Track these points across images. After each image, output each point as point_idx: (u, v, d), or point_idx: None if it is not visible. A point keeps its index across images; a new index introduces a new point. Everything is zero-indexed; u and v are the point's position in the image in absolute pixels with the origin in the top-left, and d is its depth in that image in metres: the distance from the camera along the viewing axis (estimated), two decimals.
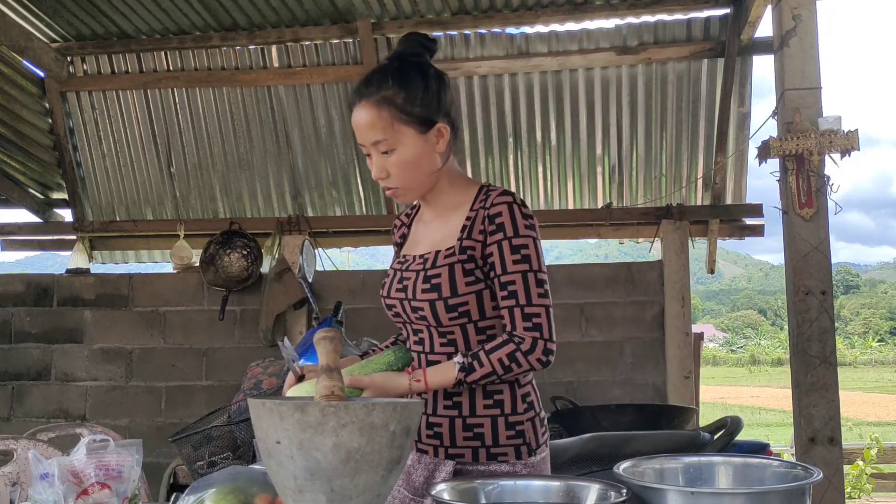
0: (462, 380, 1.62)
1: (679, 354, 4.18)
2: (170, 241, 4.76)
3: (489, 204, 1.67)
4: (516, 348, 1.61)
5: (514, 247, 1.64)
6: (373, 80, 1.69)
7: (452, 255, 1.67)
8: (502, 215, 1.65)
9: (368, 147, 1.70)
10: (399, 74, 1.69)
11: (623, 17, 4.26)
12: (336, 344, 1.39)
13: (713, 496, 1.17)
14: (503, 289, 1.64)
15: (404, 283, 1.72)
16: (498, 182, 4.73)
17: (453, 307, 1.65)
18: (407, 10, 4.28)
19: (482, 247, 1.66)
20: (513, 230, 1.64)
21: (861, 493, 6.43)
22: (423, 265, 1.70)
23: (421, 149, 1.69)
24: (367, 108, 1.67)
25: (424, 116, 1.68)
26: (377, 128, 1.66)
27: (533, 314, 1.63)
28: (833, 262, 3.14)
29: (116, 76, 4.74)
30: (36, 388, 4.61)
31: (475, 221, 1.68)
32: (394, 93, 1.66)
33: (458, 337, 1.69)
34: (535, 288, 1.63)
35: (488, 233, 1.66)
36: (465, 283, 1.65)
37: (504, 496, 1.32)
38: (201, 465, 3.20)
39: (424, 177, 1.72)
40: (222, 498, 1.33)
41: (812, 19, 3.11)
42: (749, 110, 4.43)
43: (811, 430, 3.01)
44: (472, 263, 1.66)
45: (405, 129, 1.67)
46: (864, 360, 35.22)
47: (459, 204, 1.74)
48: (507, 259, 1.64)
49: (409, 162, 1.68)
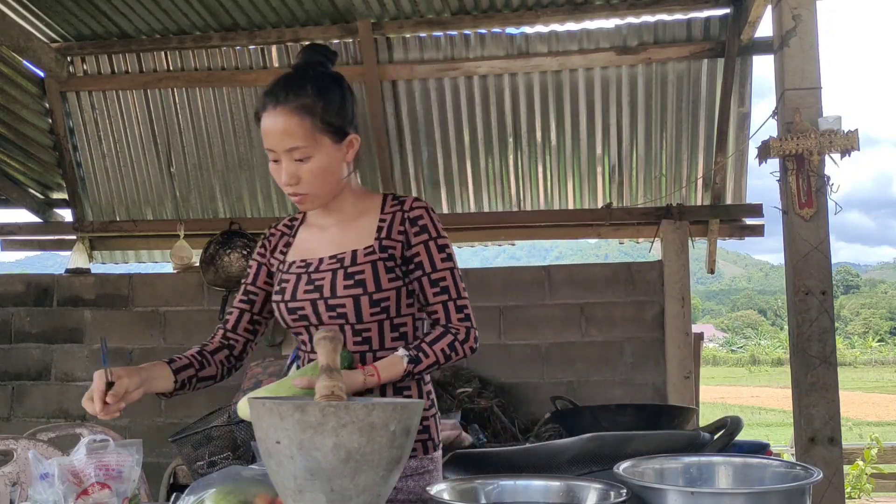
0: (411, 371, 1.70)
1: (679, 354, 4.18)
2: (170, 241, 4.76)
3: (408, 207, 1.80)
4: (454, 338, 1.73)
5: (440, 246, 1.79)
6: (290, 88, 1.70)
7: (373, 252, 1.75)
8: (424, 218, 1.79)
9: (279, 153, 1.70)
10: (318, 84, 1.72)
11: (623, 17, 4.26)
12: (336, 344, 1.39)
13: (713, 496, 1.17)
14: (435, 285, 1.76)
15: (316, 283, 1.75)
16: (498, 182, 4.74)
17: (377, 302, 1.72)
18: (407, 10, 4.28)
19: (403, 247, 1.77)
20: (436, 232, 1.80)
21: (861, 493, 6.43)
22: (341, 264, 1.75)
23: (334, 158, 1.75)
24: (284, 114, 1.68)
25: (340, 127, 1.75)
26: (296, 135, 1.68)
27: (463, 306, 1.77)
28: (833, 262, 3.14)
29: (116, 76, 4.74)
30: (36, 388, 4.61)
31: (392, 223, 1.78)
32: (313, 102, 1.70)
33: (374, 334, 1.75)
34: (460, 283, 1.79)
35: (411, 234, 1.77)
36: (388, 280, 1.73)
37: (504, 496, 1.32)
38: (201, 465, 3.20)
39: (334, 185, 1.78)
40: (222, 498, 1.33)
41: (812, 19, 3.11)
42: (749, 110, 4.43)
43: (811, 430, 3.01)
44: (392, 262, 1.75)
45: (322, 139, 1.72)
46: (864, 360, 35.22)
47: (365, 210, 1.82)
48: (436, 258, 1.77)
49: (323, 170, 1.73)
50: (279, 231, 1.93)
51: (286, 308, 1.78)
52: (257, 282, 1.89)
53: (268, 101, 1.71)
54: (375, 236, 1.77)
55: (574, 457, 1.50)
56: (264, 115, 1.71)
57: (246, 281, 1.91)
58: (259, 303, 1.88)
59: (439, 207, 4.83)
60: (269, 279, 1.89)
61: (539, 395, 4.23)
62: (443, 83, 4.50)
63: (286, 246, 1.88)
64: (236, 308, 1.90)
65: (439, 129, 4.61)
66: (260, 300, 1.88)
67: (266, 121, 1.70)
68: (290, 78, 1.74)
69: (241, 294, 1.90)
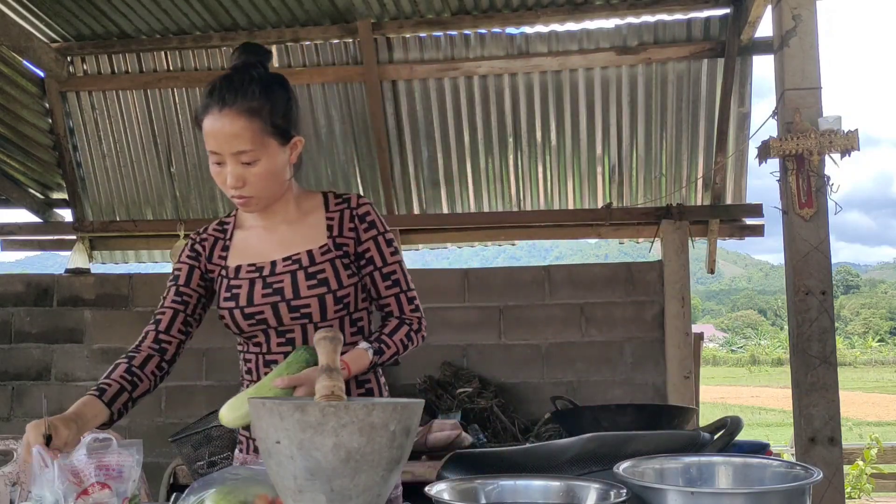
0: (375, 363, 1.73)
1: (679, 354, 4.18)
2: (170, 241, 4.76)
3: (355, 205, 1.82)
4: (409, 329, 1.79)
5: (388, 241, 1.82)
6: (237, 90, 1.68)
7: (328, 251, 1.77)
8: (371, 214, 1.82)
9: (225, 156, 1.68)
10: (264, 86, 1.71)
11: (623, 17, 4.26)
12: (336, 344, 1.39)
13: (713, 496, 1.17)
14: (386, 279, 1.81)
15: (275, 286, 1.74)
16: (498, 182, 4.74)
17: (340, 299, 1.75)
18: (407, 10, 4.28)
19: (355, 243, 1.80)
20: (382, 227, 1.83)
21: (861, 493, 6.43)
22: (299, 264, 1.75)
23: (281, 160, 1.74)
24: (232, 117, 1.66)
25: (286, 129, 1.74)
26: (243, 139, 1.66)
27: (413, 297, 1.83)
28: (833, 262, 3.14)
29: (116, 76, 4.74)
30: (36, 388, 4.61)
31: (342, 221, 1.80)
32: (260, 104, 1.68)
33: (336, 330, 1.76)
34: (408, 275, 1.84)
35: (361, 230, 1.80)
36: (347, 276, 1.77)
37: (504, 496, 1.32)
38: (201, 465, 3.21)
39: (279, 187, 1.77)
40: (222, 498, 1.33)
41: (812, 19, 3.11)
42: (749, 110, 4.43)
43: (811, 430, 3.01)
44: (347, 259, 1.79)
45: (269, 141, 1.70)
46: (864, 360, 35.25)
47: (309, 209, 1.83)
48: (385, 252, 1.81)
49: (269, 173, 1.71)
50: (210, 236, 1.89)
51: (242, 314, 1.76)
52: (190, 283, 1.84)
53: (212, 104, 1.68)
54: (327, 234, 1.79)
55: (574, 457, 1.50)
56: (208, 117, 1.68)
57: (176, 283, 1.85)
58: (192, 304, 1.84)
59: (439, 207, 4.83)
60: (202, 282, 1.85)
61: (539, 395, 4.23)
62: (443, 83, 4.50)
63: (223, 250, 1.85)
64: (169, 308, 1.83)
65: (439, 129, 4.61)
66: (193, 301, 1.84)
67: (211, 123, 1.67)
68: (235, 80, 1.70)
69: (174, 295, 1.84)
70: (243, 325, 1.77)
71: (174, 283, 1.86)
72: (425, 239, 4.87)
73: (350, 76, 4.51)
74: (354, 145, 4.70)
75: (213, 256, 1.86)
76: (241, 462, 1.85)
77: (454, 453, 1.89)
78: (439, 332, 4.25)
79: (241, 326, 1.78)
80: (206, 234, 1.90)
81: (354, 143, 4.69)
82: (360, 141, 4.68)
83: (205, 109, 1.69)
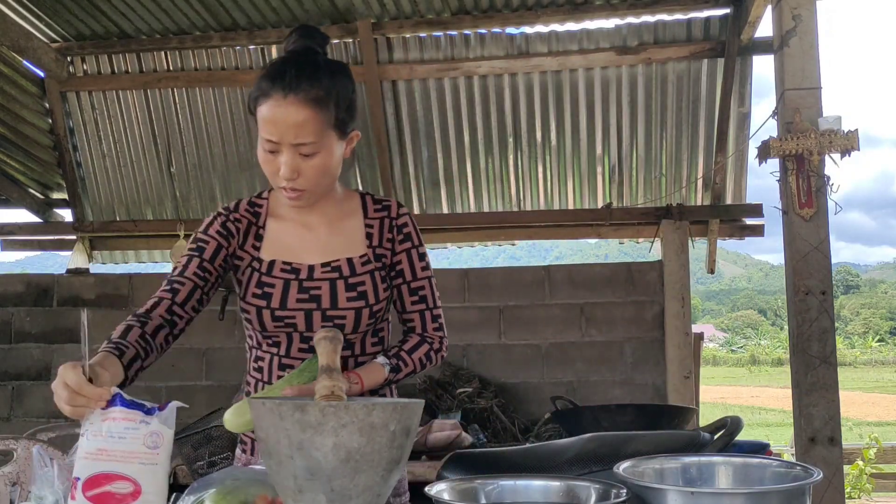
0: (391, 380, 1.68)
1: (679, 354, 4.18)
2: (170, 241, 4.76)
3: (395, 214, 1.76)
4: (430, 348, 1.75)
5: (421, 255, 1.78)
6: (305, 76, 1.55)
7: (368, 262, 1.71)
8: (409, 226, 1.77)
9: (283, 145, 1.57)
10: (332, 75, 1.60)
11: (623, 17, 4.26)
12: (336, 344, 1.39)
13: (713, 496, 1.17)
14: (413, 294, 1.76)
15: (311, 292, 1.66)
16: (498, 182, 4.74)
17: (375, 314, 1.70)
18: (407, 10, 4.28)
19: (391, 255, 1.75)
20: (418, 240, 1.78)
21: (861, 493, 6.43)
22: (339, 273, 1.68)
23: (338, 154, 1.65)
24: (298, 105, 1.54)
25: (347, 122, 1.65)
26: (307, 129, 1.55)
27: (438, 316, 1.79)
28: (833, 262, 3.14)
29: (116, 76, 4.73)
30: (36, 388, 4.61)
31: (381, 230, 1.74)
32: (327, 94, 1.57)
33: (358, 341, 1.73)
34: (436, 292, 1.80)
35: (397, 241, 1.75)
36: (383, 290, 1.72)
37: (504, 496, 1.32)
38: (201, 465, 3.21)
39: (331, 182, 1.69)
40: (222, 498, 1.33)
41: (812, 19, 3.11)
42: (749, 110, 4.42)
43: (811, 430, 3.01)
44: (384, 271, 1.73)
45: (331, 134, 1.60)
46: (864, 360, 35.25)
47: (349, 211, 1.76)
48: (417, 266, 1.77)
49: (326, 167, 1.62)
50: (244, 217, 1.74)
51: (272, 315, 1.66)
52: (215, 261, 1.68)
53: (274, 88, 1.55)
54: (367, 244, 1.72)
55: (574, 457, 1.50)
56: (268, 102, 1.55)
57: (201, 256, 1.68)
58: (211, 282, 1.68)
59: (439, 207, 4.83)
60: (224, 264, 1.71)
61: (539, 395, 4.23)
62: (443, 83, 4.50)
63: (257, 239, 1.73)
64: (188, 280, 1.65)
65: (439, 129, 4.61)
66: (212, 280, 1.69)
67: (273, 110, 1.55)
68: (303, 65, 1.58)
69: (196, 268, 1.66)
70: (269, 325, 1.67)
71: (198, 254, 1.68)
72: (425, 239, 4.82)
73: None
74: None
75: (245, 243, 1.72)
76: (245, 463, 1.80)
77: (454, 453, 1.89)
78: None
79: (267, 326, 1.68)
80: (239, 213, 1.74)
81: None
82: (360, 141, 4.66)
83: (265, 94, 1.56)
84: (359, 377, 1.62)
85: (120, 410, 1.32)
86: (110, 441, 1.31)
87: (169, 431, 1.33)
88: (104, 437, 1.31)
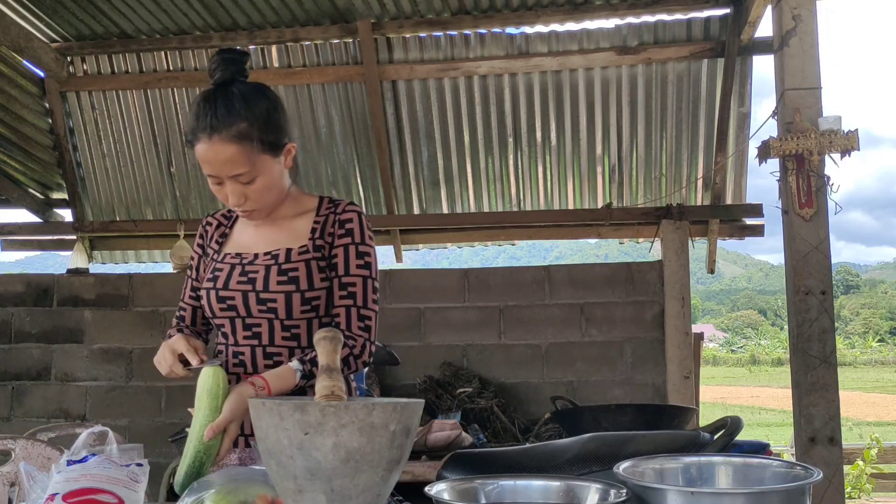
0: (302, 386, 1.68)
1: (679, 354, 4.17)
2: (170, 241, 4.76)
3: (340, 210, 1.81)
4: (350, 352, 1.73)
5: (360, 253, 1.79)
6: (222, 115, 1.67)
7: (307, 252, 1.78)
8: (353, 222, 1.80)
9: (223, 178, 1.71)
10: (247, 104, 1.70)
11: (623, 17, 4.26)
12: (336, 344, 1.39)
13: (713, 496, 1.17)
14: (343, 289, 1.77)
15: (250, 275, 1.76)
16: (498, 182, 4.74)
17: (308, 300, 1.75)
18: (407, 10, 4.28)
19: (329, 248, 1.79)
20: (360, 237, 1.80)
21: (861, 493, 6.43)
22: (275, 260, 1.77)
23: (277, 171, 1.76)
24: (222, 144, 1.66)
25: (277, 141, 1.74)
26: (237, 162, 1.68)
27: (366, 316, 1.77)
28: (833, 262, 3.14)
29: (116, 76, 4.74)
30: (36, 388, 4.61)
31: (325, 224, 1.81)
32: (248, 126, 1.68)
33: (303, 331, 1.77)
34: (371, 293, 1.78)
35: (336, 235, 1.79)
36: (320, 279, 1.76)
37: (504, 496, 1.32)
38: None
39: (279, 194, 1.80)
40: (222, 498, 1.33)
41: (812, 19, 3.11)
42: (749, 110, 4.43)
43: (811, 430, 3.01)
44: (324, 262, 1.78)
45: (263, 158, 1.71)
46: (864, 360, 35.25)
47: (302, 211, 1.84)
48: (352, 262, 1.78)
49: (268, 186, 1.74)
50: (216, 220, 1.93)
51: (216, 296, 1.78)
52: (199, 275, 1.90)
53: (200, 131, 1.67)
54: (309, 236, 1.80)
55: (574, 457, 1.50)
56: (199, 145, 1.68)
57: (193, 277, 1.91)
58: None
59: (439, 207, 4.83)
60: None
61: (539, 395, 4.23)
62: (443, 83, 4.50)
63: (222, 237, 1.90)
64: (188, 305, 1.91)
65: (439, 129, 4.61)
66: None
67: (204, 151, 1.68)
68: (218, 103, 1.69)
69: (190, 290, 1.91)
70: (216, 308, 1.79)
71: (190, 274, 1.91)
72: (425, 239, 4.87)
73: (350, 76, 4.51)
74: (354, 145, 4.70)
75: (211, 241, 1.90)
76: (238, 458, 1.83)
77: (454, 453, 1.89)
78: (439, 332, 4.25)
79: (214, 310, 1.79)
80: (212, 218, 1.95)
81: (354, 143, 4.69)
82: (360, 141, 4.68)
83: (195, 136, 1.69)
84: (265, 382, 1.64)
85: (96, 462, 1.39)
86: (93, 470, 1.38)
87: (144, 477, 1.42)
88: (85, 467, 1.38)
